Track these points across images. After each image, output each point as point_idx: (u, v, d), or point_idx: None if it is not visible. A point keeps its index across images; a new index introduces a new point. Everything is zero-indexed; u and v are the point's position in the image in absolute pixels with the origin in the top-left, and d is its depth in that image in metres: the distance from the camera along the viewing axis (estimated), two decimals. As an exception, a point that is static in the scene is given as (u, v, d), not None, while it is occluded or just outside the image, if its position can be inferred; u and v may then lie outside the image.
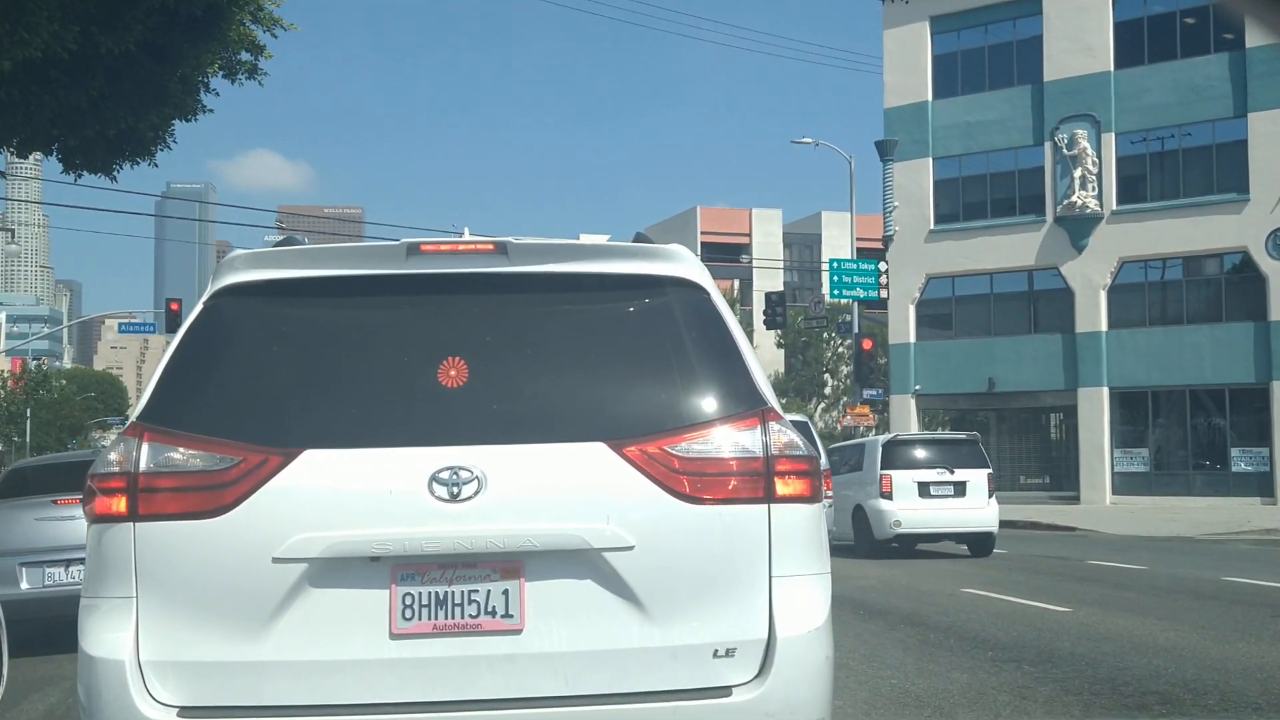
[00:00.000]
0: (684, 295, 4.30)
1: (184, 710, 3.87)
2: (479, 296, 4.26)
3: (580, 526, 3.94)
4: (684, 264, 4.38)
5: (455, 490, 3.91)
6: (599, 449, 3.99)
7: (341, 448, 3.96)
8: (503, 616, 3.93)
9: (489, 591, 3.94)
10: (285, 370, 4.14)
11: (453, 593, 3.93)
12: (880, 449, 21.70)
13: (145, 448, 4.00)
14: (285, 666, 3.88)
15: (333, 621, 3.89)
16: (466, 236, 4.53)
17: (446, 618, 3.92)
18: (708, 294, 4.34)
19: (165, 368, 4.18)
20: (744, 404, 4.13)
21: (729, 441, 4.06)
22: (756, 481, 4.05)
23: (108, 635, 3.94)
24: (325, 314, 4.24)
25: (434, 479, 3.92)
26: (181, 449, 3.98)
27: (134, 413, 4.16)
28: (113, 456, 4.06)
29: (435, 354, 4.08)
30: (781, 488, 4.07)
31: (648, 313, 4.27)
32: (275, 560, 3.87)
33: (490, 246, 4.27)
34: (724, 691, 3.95)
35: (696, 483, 4.00)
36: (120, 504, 3.99)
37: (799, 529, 4.10)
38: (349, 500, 3.91)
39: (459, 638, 3.91)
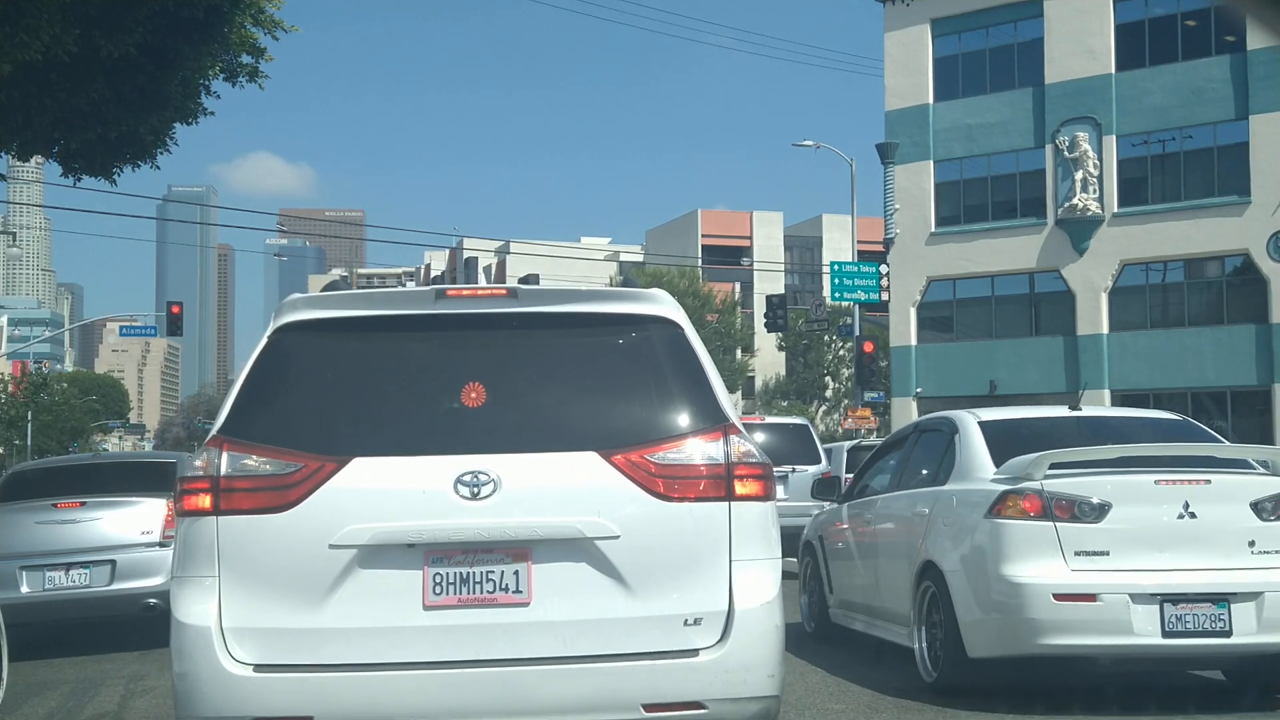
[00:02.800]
0: (662, 331, 5.20)
1: (258, 667, 4.72)
2: (494, 332, 5.16)
3: (577, 520, 4.82)
4: (663, 305, 5.28)
5: (475, 490, 4.80)
6: (592, 457, 4.88)
7: (384, 455, 4.86)
8: (514, 592, 4.81)
9: (503, 572, 4.82)
10: (337, 392, 5.08)
11: (474, 573, 4.81)
12: (845, 453, 22.73)
13: (225, 456, 4.86)
14: (339, 632, 4.74)
15: (377, 596, 4.76)
16: (482, 283, 6.14)
17: (469, 593, 4.80)
18: (682, 330, 5.22)
19: (239, 390, 5.07)
20: (710, 421, 5.00)
21: (697, 451, 4.94)
22: (719, 484, 4.92)
23: (196, 607, 4.79)
24: (369, 346, 5.16)
25: (458, 481, 4.80)
26: (255, 457, 4.85)
27: (214, 427, 5.02)
28: (198, 463, 4.91)
29: (459, 379, 5.01)
30: (740, 489, 4.94)
31: (632, 345, 5.18)
32: (331, 546, 4.75)
33: (503, 291, 5.19)
34: (692, 653, 4.81)
35: (671, 484, 4.89)
36: (205, 501, 4.84)
37: (754, 522, 4.96)
38: (390, 498, 4.80)
39: (479, 609, 4.79)
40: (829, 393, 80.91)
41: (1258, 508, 7.61)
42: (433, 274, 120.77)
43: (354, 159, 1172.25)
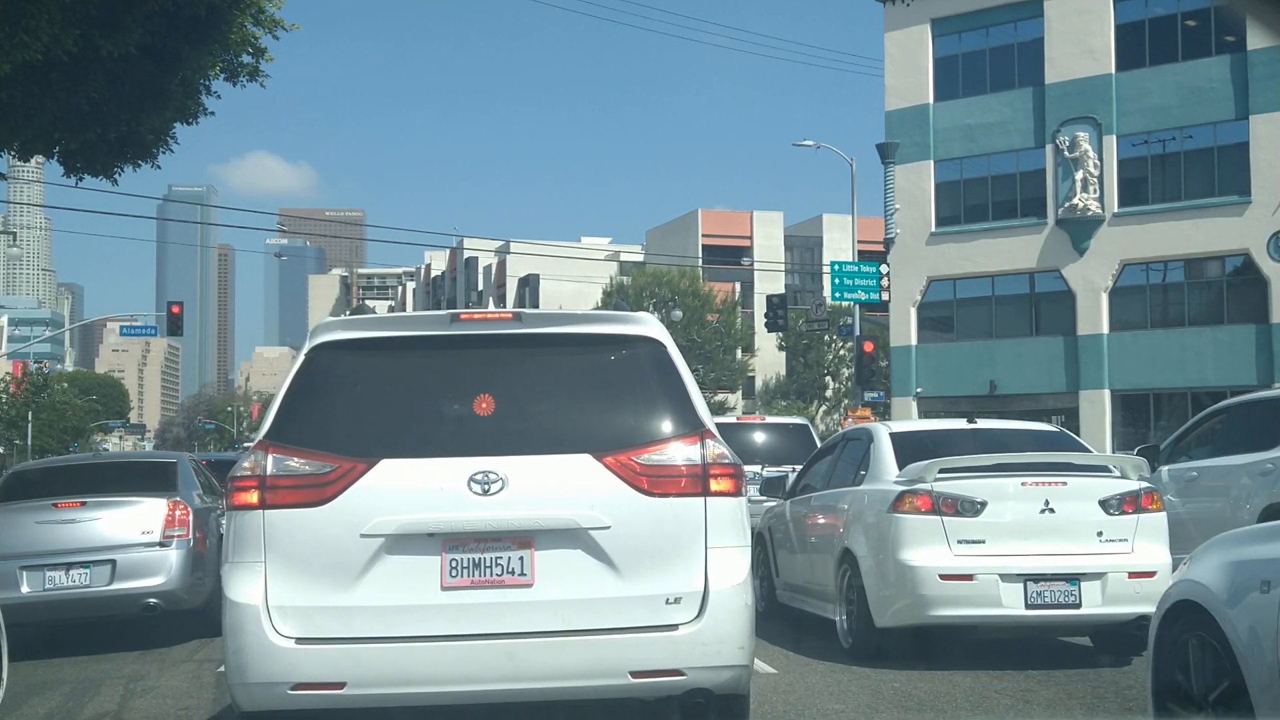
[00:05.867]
0: (648, 349, 5.96)
1: (299, 640, 5.43)
2: (501, 350, 5.90)
3: (573, 513, 5.54)
4: (648, 326, 6.06)
5: (486, 487, 5.51)
6: (586, 459, 5.60)
7: (407, 458, 5.58)
8: (519, 575, 5.52)
9: (509, 558, 5.52)
10: (366, 402, 5.80)
11: (485, 558, 5.51)
12: None
13: (270, 458, 5.59)
14: (368, 610, 5.45)
15: (401, 578, 5.48)
16: (491, 308, 6.41)
17: (480, 576, 5.51)
18: (665, 347, 5.97)
19: (282, 400, 5.79)
20: (689, 427, 5.74)
21: (678, 454, 5.66)
22: (696, 481, 5.63)
23: (246, 588, 5.52)
24: (393, 362, 5.91)
25: (471, 479, 5.51)
26: (296, 459, 5.58)
27: (260, 433, 5.73)
28: (246, 464, 5.65)
29: (471, 391, 5.74)
30: (714, 485, 5.64)
31: (621, 362, 5.93)
32: (362, 536, 5.47)
33: (509, 315, 5.99)
34: (672, 628, 5.52)
35: (655, 482, 5.60)
36: (253, 497, 5.56)
37: (726, 514, 5.67)
38: (413, 494, 5.52)
39: (489, 590, 5.50)
40: (829, 393, 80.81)
41: (1105, 505, 9.24)
42: (433, 274, 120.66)
43: (354, 159, 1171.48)
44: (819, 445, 19.52)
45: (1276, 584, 4.60)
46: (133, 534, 11.33)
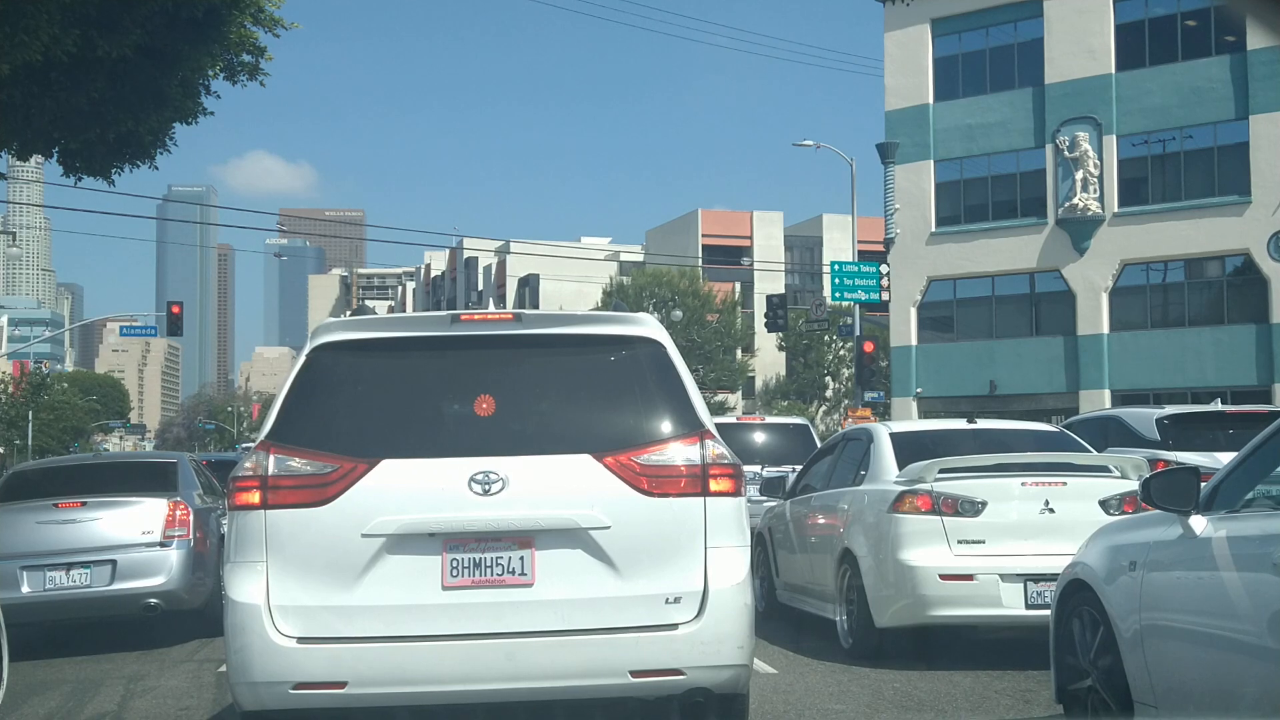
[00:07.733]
0: (648, 349, 5.99)
1: (301, 639, 5.45)
2: (502, 351, 5.93)
3: (573, 513, 5.57)
4: (648, 327, 6.11)
5: (487, 487, 5.54)
6: (586, 459, 5.63)
7: (408, 458, 5.61)
8: (520, 575, 5.55)
9: (510, 558, 5.55)
10: (367, 403, 5.84)
11: (485, 558, 5.55)
12: None
13: (272, 458, 5.62)
14: (370, 609, 5.47)
15: (402, 578, 5.51)
16: (492, 309, 6.29)
17: (481, 575, 5.54)
18: (665, 348, 6.01)
19: (283, 401, 5.82)
20: (688, 427, 5.78)
21: (677, 454, 5.70)
22: (695, 481, 5.67)
23: (247, 587, 5.54)
24: (394, 363, 5.94)
25: (472, 479, 5.55)
26: (297, 459, 5.60)
27: (261, 434, 5.76)
28: (248, 465, 5.68)
29: (471, 391, 5.77)
30: (713, 485, 5.68)
31: (621, 362, 5.96)
32: (363, 535, 5.49)
33: (510, 316, 6.03)
34: (672, 627, 5.56)
35: (654, 482, 5.64)
36: (255, 497, 5.59)
37: (725, 514, 5.71)
38: (414, 494, 5.55)
39: (490, 589, 5.53)
40: (829, 393, 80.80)
41: (1105, 504, 9.25)
42: (433, 274, 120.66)
43: (354, 159, 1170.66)
44: (819, 445, 19.62)
45: (1139, 565, 5.67)
46: (133, 534, 11.33)
